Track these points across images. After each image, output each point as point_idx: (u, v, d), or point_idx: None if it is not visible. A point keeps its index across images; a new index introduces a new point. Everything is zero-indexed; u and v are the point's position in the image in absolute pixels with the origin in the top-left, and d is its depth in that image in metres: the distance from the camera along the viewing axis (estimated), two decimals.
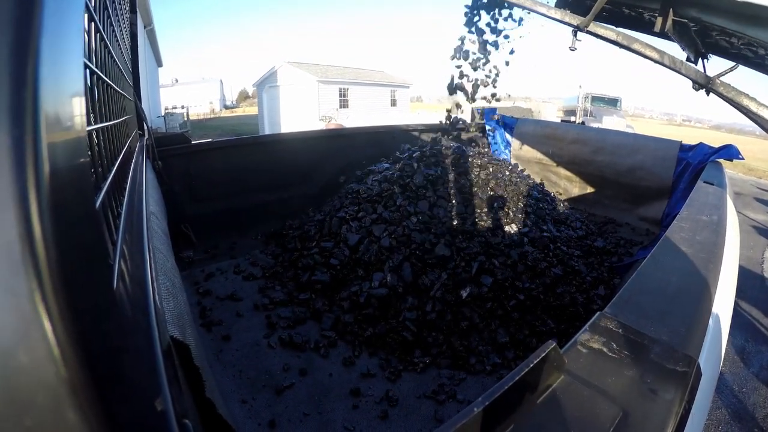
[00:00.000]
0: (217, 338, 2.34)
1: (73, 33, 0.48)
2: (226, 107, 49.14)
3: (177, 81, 45.77)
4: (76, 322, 0.33)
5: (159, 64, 21.25)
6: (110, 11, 1.41)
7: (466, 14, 4.03)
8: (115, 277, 0.56)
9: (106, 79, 1.09)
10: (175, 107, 25.11)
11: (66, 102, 0.41)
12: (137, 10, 2.88)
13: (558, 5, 2.36)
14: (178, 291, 1.33)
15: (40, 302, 0.30)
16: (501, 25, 4.02)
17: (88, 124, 0.71)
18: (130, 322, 0.60)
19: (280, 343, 2.32)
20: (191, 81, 47.60)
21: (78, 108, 0.47)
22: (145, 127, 2.85)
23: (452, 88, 4.32)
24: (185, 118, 21.85)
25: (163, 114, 19.58)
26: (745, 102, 1.87)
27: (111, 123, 1.11)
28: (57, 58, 0.38)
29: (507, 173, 3.61)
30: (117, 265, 0.59)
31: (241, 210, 3.69)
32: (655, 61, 2.06)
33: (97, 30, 0.98)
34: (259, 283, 2.90)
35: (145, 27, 14.79)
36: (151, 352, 0.62)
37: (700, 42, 2.22)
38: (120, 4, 2.00)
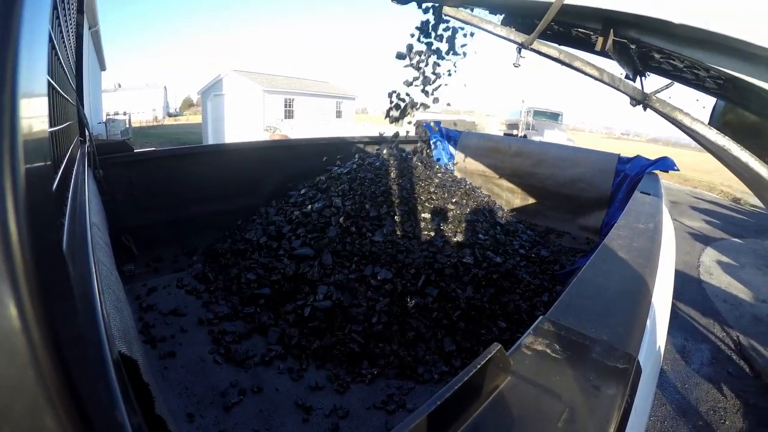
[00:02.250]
0: (161, 355, 2.25)
1: (41, 37, 0.51)
2: (170, 115, 47.62)
3: (120, 86, 43.93)
4: (50, 328, 0.32)
5: (102, 67, 20.26)
6: (59, 10, 1.35)
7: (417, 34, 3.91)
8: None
9: (51, 81, 1.03)
10: (117, 113, 24.02)
11: (34, 104, 0.42)
12: (84, 10, 2.75)
13: (504, 23, 2.44)
14: (123, 305, 1.29)
15: (14, 306, 0.29)
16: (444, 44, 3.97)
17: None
18: (83, 333, 0.60)
19: (226, 358, 2.26)
20: (134, 87, 45.86)
21: (43, 109, 0.49)
22: (87, 134, 2.71)
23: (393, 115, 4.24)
24: (127, 125, 21.07)
25: (104, 120, 18.81)
26: (680, 117, 1.98)
27: (55, 128, 1.05)
28: (29, 60, 0.39)
29: (452, 185, 3.67)
30: None
31: (184, 221, 3.56)
32: (595, 78, 2.16)
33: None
34: (202, 297, 2.82)
35: (90, 28, 14.16)
36: (103, 365, 0.61)
37: (639, 61, 2.35)
38: (68, 2, 1.91)
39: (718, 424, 2.87)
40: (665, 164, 3.83)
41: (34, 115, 0.40)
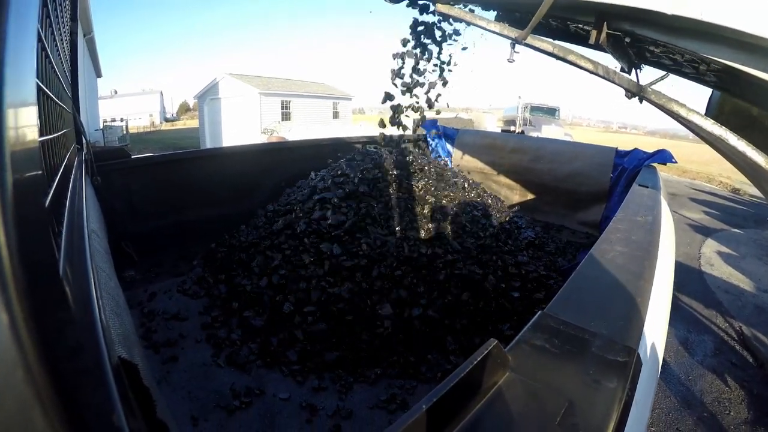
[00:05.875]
0: (164, 359, 2.25)
1: (28, 45, 0.51)
2: (167, 120, 47.20)
3: (116, 92, 43.61)
4: (42, 337, 0.33)
5: (98, 74, 20.20)
6: (51, 18, 1.34)
7: (410, 37, 3.88)
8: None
9: (45, 89, 1.03)
10: (114, 120, 23.98)
11: (22, 113, 0.42)
12: (78, 18, 2.75)
13: (497, 19, 2.44)
14: (123, 311, 1.30)
15: (4, 310, 0.30)
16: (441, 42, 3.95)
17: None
18: (80, 341, 0.60)
19: (228, 361, 2.26)
20: (131, 93, 45.55)
21: (32, 119, 0.49)
22: (84, 141, 2.71)
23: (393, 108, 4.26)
24: (124, 132, 21.03)
25: (101, 127, 18.76)
26: (676, 108, 1.97)
27: (50, 137, 1.05)
28: (14, 69, 0.39)
29: (452, 182, 3.65)
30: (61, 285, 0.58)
31: (183, 226, 3.56)
32: (590, 72, 2.15)
33: (39, 38, 0.93)
34: (203, 301, 2.81)
35: (84, 36, 14.12)
36: (101, 371, 0.61)
37: (634, 53, 2.35)
38: (61, 11, 1.91)
39: (723, 415, 2.85)
40: (663, 157, 3.84)
41: (21, 125, 0.40)
